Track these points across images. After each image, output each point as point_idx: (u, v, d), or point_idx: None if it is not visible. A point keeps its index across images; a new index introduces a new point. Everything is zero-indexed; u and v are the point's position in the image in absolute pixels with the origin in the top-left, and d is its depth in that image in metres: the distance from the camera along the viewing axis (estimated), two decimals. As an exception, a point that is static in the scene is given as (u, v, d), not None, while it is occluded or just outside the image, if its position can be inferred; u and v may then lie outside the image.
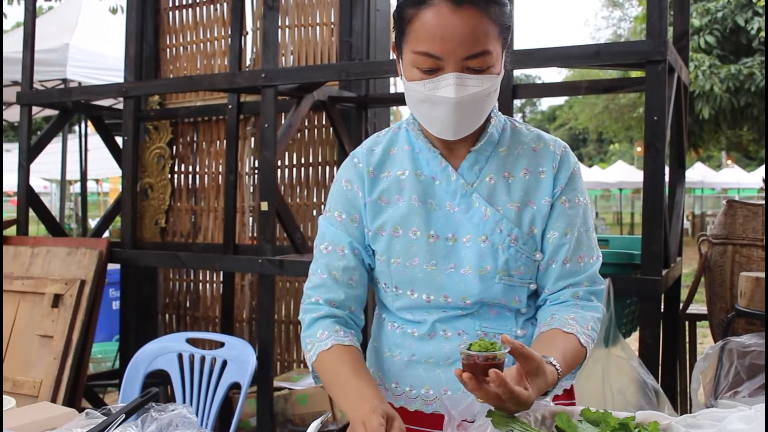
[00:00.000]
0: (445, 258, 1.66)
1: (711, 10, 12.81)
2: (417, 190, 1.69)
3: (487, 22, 1.51)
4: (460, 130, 1.60)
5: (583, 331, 1.60)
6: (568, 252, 1.67)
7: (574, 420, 1.49)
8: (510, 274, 1.65)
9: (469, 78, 1.53)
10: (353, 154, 1.79)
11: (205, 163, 4.84)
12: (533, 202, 1.67)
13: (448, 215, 1.67)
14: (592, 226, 1.73)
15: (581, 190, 1.71)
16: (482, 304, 1.66)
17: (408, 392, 1.73)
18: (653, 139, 2.70)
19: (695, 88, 12.32)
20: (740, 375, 2.64)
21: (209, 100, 4.70)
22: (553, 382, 1.46)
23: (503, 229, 1.64)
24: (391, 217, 1.70)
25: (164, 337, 3.61)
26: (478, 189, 1.67)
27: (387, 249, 1.70)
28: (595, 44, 2.83)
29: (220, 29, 4.72)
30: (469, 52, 1.51)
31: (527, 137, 1.71)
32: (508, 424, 1.43)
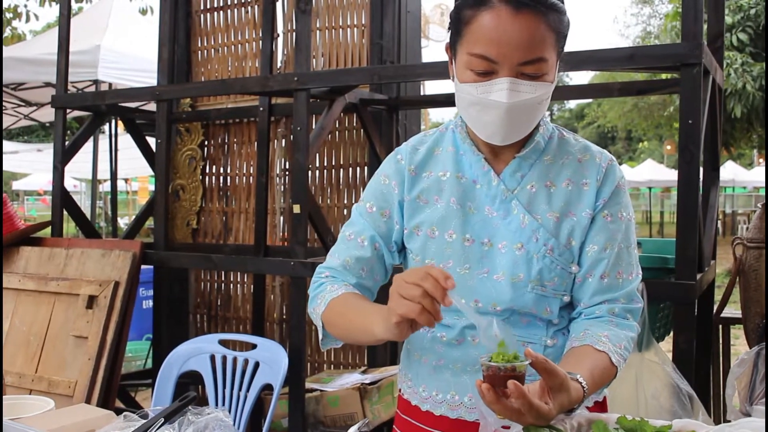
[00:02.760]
0: (478, 262, 1.66)
1: (743, 7, 12.67)
2: (457, 193, 1.69)
3: (545, 29, 1.51)
4: (509, 135, 1.59)
5: (616, 350, 1.58)
6: (606, 267, 1.64)
7: (610, 427, 1.49)
8: (543, 284, 1.63)
9: (523, 84, 1.52)
10: (397, 150, 1.80)
11: (236, 165, 4.87)
12: (574, 213, 1.65)
13: (485, 220, 1.67)
14: (635, 242, 1.71)
15: (625, 205, 1.69)
16: (513, 312, 1.64)
17: (434, 396, 1.73)
18: (688, 142, 2.68)
19: (727, 86, 12.19)
20: (775, 380, 2.62)
21: (240, 102, 4.73)
22: (578, 400, 1.45)
23: (540, 238, 1.63)
24: (428, 218, 1.70)
25: (197, 339, 3.64)
26: (518, 196, 1.66)
27: (422, 249, 1.70)
28: (629, 47, 2.82)
29: (251, 32, 4.74)
30: (525, 57, 1.51)
31: (574, 147, 1.70)
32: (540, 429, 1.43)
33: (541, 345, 1.66)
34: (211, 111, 4.84)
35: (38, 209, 29.88)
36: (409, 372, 1.80)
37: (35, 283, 4.01)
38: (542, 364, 1.37)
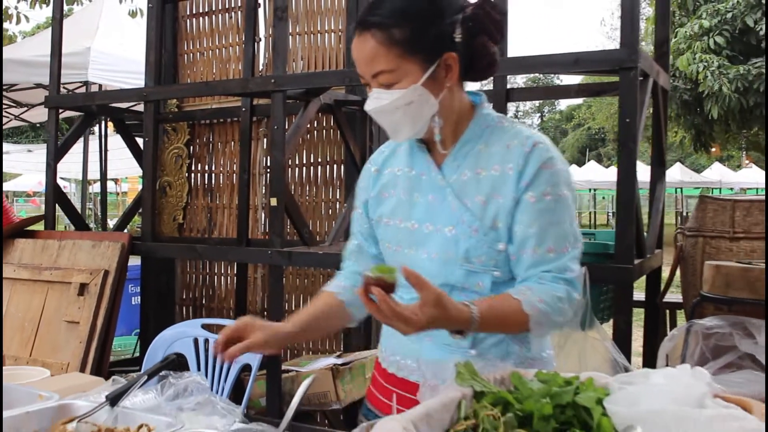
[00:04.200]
0: (420, 244, 1.90)
1: (721, 11, 12.95)
2: (406, 185, 1.94)
3: (386, 45, 1.75)
4: (398, 134, 1.88)
5: (532, 299, 1.75)
6: (535, 243, 1.80)
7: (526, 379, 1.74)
8: (471, 261, 1.83)
9: (382, 93, 1.79)
10: (370, 158, 2.12)
11: (220, 163, 5.12)
12: (500, 196, 1.82)
13: (427, 207, 1.90)
14: (567, 219, 1.84)
15: (553, 184, 1.81)
16: (450, 287, 1.84)
17: (389, 357, 2.01)
18: (627, 139, 2.94)
19: (704, 88, 12.48)
20: (705, 355, 2.88)
21: (224, 103, 4.97)
22: (461, 321, 1.68)
23: (466, 220, 1.83)
24: (386, 209, 1.97)
25: (181, 323, 3.90)
26: (452, 184, 1.87)
27: (383, 236, 1.99)
28: (573, 53, 3.07)
29: (234, 36, 5.00)
30: (371, 72, 1.79)
31: (506, 134, 1.86)
32: (470, 380, 1.69)
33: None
34: (197, 111, 5.09)
35: (28, 210, 29.92)
36: (379, 336, 2.11)
37: (29, 273, 4.26)
38: (414, 278, 1.61)
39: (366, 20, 1.77)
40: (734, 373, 2.84)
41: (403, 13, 1.76)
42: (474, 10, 1.80)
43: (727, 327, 2.76)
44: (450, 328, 1.70)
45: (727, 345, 2.83)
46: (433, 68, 1.78)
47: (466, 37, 1.80)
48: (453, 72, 1.81)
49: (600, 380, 1.72)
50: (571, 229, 1.85)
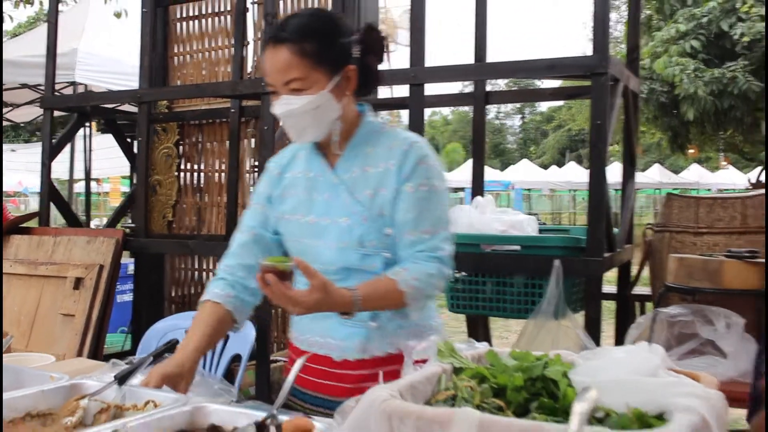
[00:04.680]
0: (320, 236, 2.17)
1: (697, 16, 13.23)
2: (305, 186, 2.22)
3: (298, 56, 2.03)
4: (303, 136, 2.14)
5: (407, 278, 2.05)
6: (411, 227, 2.10)
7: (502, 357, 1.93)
8: (364, 245, 2.12)
9: (292, 98, 2.05)
10: (270, 160, 2.39)
11: (209, 162, 5.28)
12: (384, 188, 2.12)
13: (325, 203, 2.18)
14: (439, 206, 2.15)
15: (428, 177, 2.13)
16: (347, 270, 2.14)
17: (300, 337, 2.30)
18: (597, 140, 3.15)
19: (680, 91, 12.74)
20: (670, 342, 3.08)
21: (213, 104, 5.13)
22: (345, 303, 2.00)
23: (357, 211, 2.12)
24: (288, 207, 2.24)
25: (174, 316, 4.06)
26: (345, 182, 2.16)
27: (286, 230, 2.26)
28: (548, 59, 3.28)
29: (224, 39, 5.16)
30: (284, 79, 2.04)
31: (389, 138, 2.18)
32: (449, 357, 1.87)
33: None
34: (187, 112, 5.25)
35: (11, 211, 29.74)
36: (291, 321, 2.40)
37: (25, 268, 4.41)
38: (304, 267, 1.92)
39: (279, 35, 2.05)
40: (696, 358, 3.05)
41: (311, 30, 2.06)
42: (363, 34, 2.13)
43: (689, 315, 2.96)
44: (336, 309, 2.02)
45: (690, 332, 3.03)
46: (338, 78, 2.08)
47: (360, 55, 2.11)
48: (352, 83, 2.11)
49: (567, 357, 1.92)
50: (442, 215, 2.17)
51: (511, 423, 1.37)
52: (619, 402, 1.51)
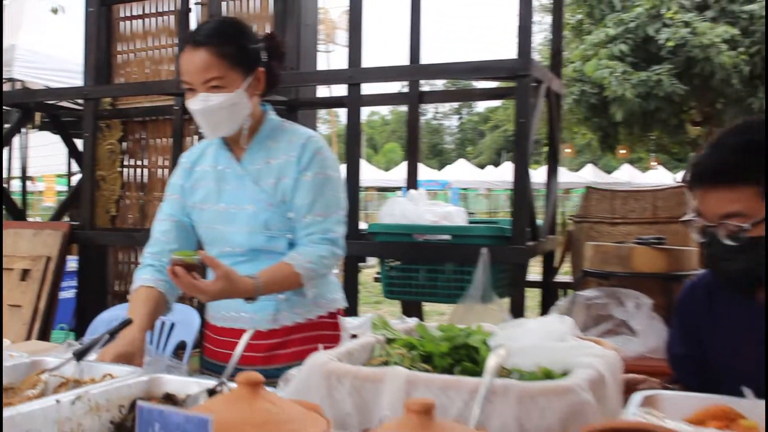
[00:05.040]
0: (230, 222, 2.41)
1: (625, 20, 13.73)
2: (214, 177, 2.46)
3: (217, 57, 2.26)
4: (217, 131, 2.37)
5: (301, 261, 2.32)
6: (307, 210, 2.37)
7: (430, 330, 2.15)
8: (269, 228, 2.38)
9: (211, 96, 2.26)
10: (183, 155, 2.63)
11: (152, 158, 5.41)
12: (285, 177, 2.37)
13: (233, 192, 2.42)
14: (332, 192, 2.42)
15: (322, 167, 2.39)
16: (255, 251, 2.40)
17: (217, 314, 2.53)
18: (520, 137, 3.41)
19: (609, 93, 13.21)
20: (588, 323, 3.34)
21: (157, 102, 5.26)
22: (248, 289, 2.23)
23: (262, 199, 2.37)
24: (199, 197, 2.47)
25: (119, 306, 4.17)
26: (250, 173, 2.40)
27: (199, 219, 2.48)
28: (475, 61, 3.53)
29: (167, 38, 5.29)
30: (204, 78, 2.26)
31: (288, 133, 2.44)
32: (383, 329, 2.09)
33: None
34: (131, 109, 5.37)
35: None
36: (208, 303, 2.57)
37: (-28, 260, 4.49)
38: (209, 260, 2.17)
39: (199, 39, 2.28)
40: (612, 337, 3.31)
41: (228, 34, 2.32)
42: (267, 40, 2.41)
43: (604, 297, 3.23)
44: (240, 296, 2.25)
45: (606, 314, 3.30)
46: (250, 79, 2.33)
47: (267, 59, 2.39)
48: (261, 83, 2.37)
49: (487, 328, 2.15)
50: (335, 201, 2.43)
51: (433, 378, 1.59)
52: (531, 363, 1.74)
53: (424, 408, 1.21)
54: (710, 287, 2.09)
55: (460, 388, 1.51)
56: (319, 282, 2.44)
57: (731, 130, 1.96)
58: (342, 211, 2.47)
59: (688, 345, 2.12)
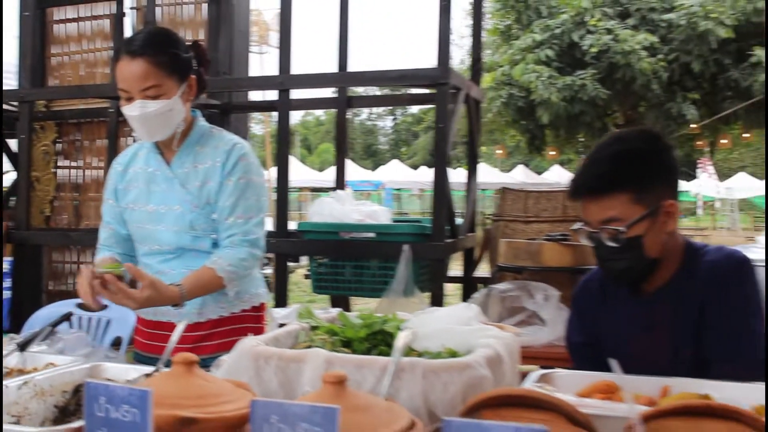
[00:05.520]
0: (159, 221, 2.57)
1: (551, 27, 14.18)
2: (145, 179, 2.60)
3: (154, 66, 2.40)
4: (152, 135, 2.50)
5: (222, 265, 2.47)
6: (229, 213, 2.53)
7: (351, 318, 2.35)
8: (195, 229, 2.54)
9: (148, 102, 2.41)
10: (116, 158, 2.78)
11: (87, 159, 5.50)
12: (211, 181, 2.53)
13: (162, 194, 2.57)
14: (254, 197, 2.57)
15: (245, 173, 2.54)
16: (182, 249, 2.56)
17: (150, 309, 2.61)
18: (440, 140, 3.65)
19: (536, 96, 13.62)
20: (502, 314, 3.58)
21: (92, 104, 5.35)
22: (173, 296, 2.38)
23: (188, 201, 2.53)
24: (131, 198, 2.62)
25: (57, 303, 4.26)
26: (178, 176, 2.55)
27: (131, 218, 2.63)
28: (399, 69, 3.77)
29: (102, 42, 5.39)
30: (142, 86, 2.39)
31: (216, 139, 2.59)
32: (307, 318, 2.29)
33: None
34: (65, 111, 5.46)
35: None
36: None
37: None
38: (134, 270, 2.31)
39: (135, 49, 2.40)
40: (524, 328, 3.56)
41: (163, 44, 2.45)
42: (195, 48, 2.57)
43: (516, 290, 3.48)
44: (166, 303, 2.40)
45: (519, 306, 3.54)
46: (184, 86, 2.49)
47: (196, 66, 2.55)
48: (194, 90, 2.54)
49: (402, 316, 2.36)
50: (256, 204, 2.58)
51: (349, 357, 1.78)
52: (438, 345, 1.95)
53: (338, 379, 1.39)
54: (602, 282, 2.34)
55: (372, 365, 1.69)
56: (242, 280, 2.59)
57: (602, 144, 2.23)
58: (263, 214, 2.62)
59: (585, 334, 2.36)
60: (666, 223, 2.12)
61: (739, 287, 2.15)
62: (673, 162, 2.18)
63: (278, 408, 1.21)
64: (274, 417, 1.21)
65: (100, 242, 2.69)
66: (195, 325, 2.58)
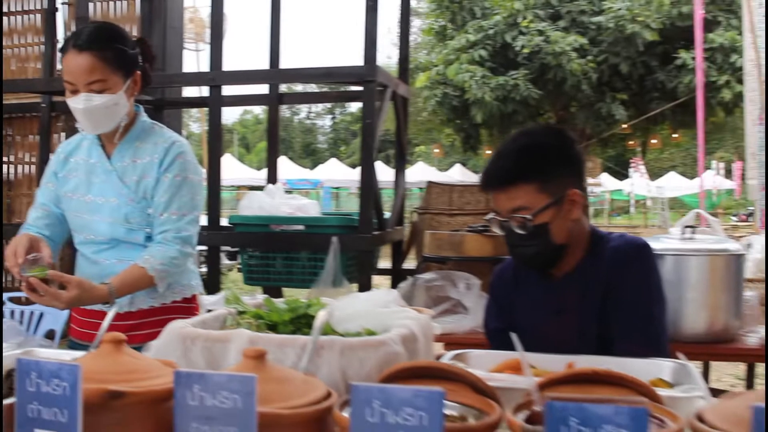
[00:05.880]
0: (95, 212, 2.62)
1: (484, 27, 14.46)
2: (85, 170, 2.64)
3: (101, 61, 2.45)
4: (96, 128, 2.55)
5: (153, 263, 2.52)
6: (163, 209, 2.59)
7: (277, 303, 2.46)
8: (129, 222, 2.60)
9: (93, 96, 2.45)
10: (59, 145, 2.79)
11: (19, 155, 5.49)
12: (148, 177, 2.59)
13: (100, 185, 2.62)
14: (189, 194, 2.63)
15: (182, 170, 2.60)
16: (116, 240, 2.62)
17: None
18: (366, 137, 3.78)
19: (470, 95, 13.87)
20: (428, 303, 3.71)
21: (24, 99, 5.34)
22: (101, 295, 2.43)
23: (124, 194, 2.59)
24: (71, 186, 2.64)
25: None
26: (117, 170, 2.60)
27: (69, 207, 2.66)
28: (326, 67, 3.89)
29: (33, 36, 5.39)
30: (88, 80, 2.44)
31: (156, 135, 2.65)
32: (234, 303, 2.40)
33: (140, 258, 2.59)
34: (-4, 106, 5.43)
35: None
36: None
37: None
38: (58, 276, 2.35)
39: (82, 44, 2.44)
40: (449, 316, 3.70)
41: (110, 40, 2.50)
42: (140, 44, 2.63)
43: (440, 280, 3.63)
44: (95, 301, 2.47)
45: (444, 295, 3.69)
46: (129, 81, 2.54)
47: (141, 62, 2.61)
48: (138, 85, 2.59)
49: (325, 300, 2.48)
50: (191, 202, 2.64)
51: (271, 337, 1.88)
52: (357, 326, 2.07)
53: (257, 353, 1.49)
54: (516, 269, 2.49)
55: (293, 344, 1.79)
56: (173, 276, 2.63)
57: (509, 139, 2.39)
58: (197, 211, 2.67)
59: (501, 320, 2.50)
60: (571, 211, 2.26)
61: (639, 270, 2.31)
62: (577, 154, 2.33)
63: (200, 378, 1.29)
64: (196, 386, 1.28)
65: (27, 222, 2.68)
66: (126, 315, 2.63)
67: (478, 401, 1.47)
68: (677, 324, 3.46)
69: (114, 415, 1.37)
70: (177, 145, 2.64)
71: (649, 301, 2.31)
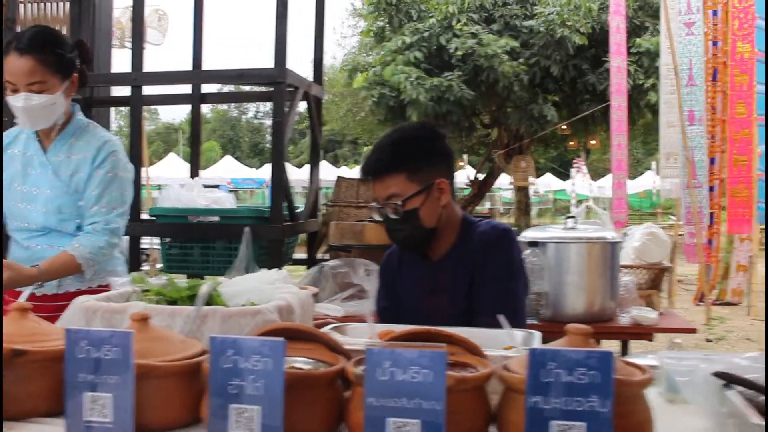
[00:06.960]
0: (31, 201, 2.80)
1: (420, 30, 14.76)
2: (22, 162, 2.81)
3: (40, 64, 2.61)
4: (35, 125, 2.72)
5: (82, 252, 2.69)
6: (94, 202, 2.76)
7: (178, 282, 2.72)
8: (62, 212, 2.78)
9: (33, 96, 2.62)
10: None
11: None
12: (81, 172, 2.77)
13: (36, 177, 2.79)
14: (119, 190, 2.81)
15: (113, 167, 2.79)
16: (48, 229, 2.80)
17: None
18: (276, 135, 4.06)
19: (405, 96, 14.15)
20: (335, 289, 3.98)
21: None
22: (30, 276, 2.60)
23: (58, 187, 2.77)
24: (9, 177, 2.80)
25: None
26: (52, 163, 2.78)
27: (7, 196, 2.81)
28: (239, 69, 4.15)
29: (-37, 37, 5.53)
30: (27, 81, 2.60)
31: (90, 134, 2.83)
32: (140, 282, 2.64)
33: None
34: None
35: None
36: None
37: None
38: None
39: (23, 47, 2.60)
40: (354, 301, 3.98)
41: (50, 44, 2.67)
42: (79, 47, 2.80)
43: (344, 267, 3.90)
44: (25, 282, 2.59)
45: (349, 281, 3.96)
46: (67, 83, 2.73)
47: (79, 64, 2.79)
48: (75, 85, 2.78)
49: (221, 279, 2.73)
50: (120, 197, 2.83)
51: (164, 307, 2.12)
52: (244, 300, 2.34)
53: (142, 317, 1.75)
54: (401, 254, 2.76)
55: (182, 313, 2.03)
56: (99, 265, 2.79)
57: (385, 135, 2.68)
58: (125, 206, 2.85)
59: (388, 299, 2.77)
60: (439, 198, 2.54)
61: (502, 252, 2.59)
62: (445, 148, 2.61)
63: (86, 334, 1.55)
64: (82, 342, 1.54)
65: None
66: (53, 296, 2.78)
67: (330, 357, 1.68)
68: (559, 306, 3.81)
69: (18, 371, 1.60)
70: (109, 143, 2.81)
71: (509, 279, 2.57)
